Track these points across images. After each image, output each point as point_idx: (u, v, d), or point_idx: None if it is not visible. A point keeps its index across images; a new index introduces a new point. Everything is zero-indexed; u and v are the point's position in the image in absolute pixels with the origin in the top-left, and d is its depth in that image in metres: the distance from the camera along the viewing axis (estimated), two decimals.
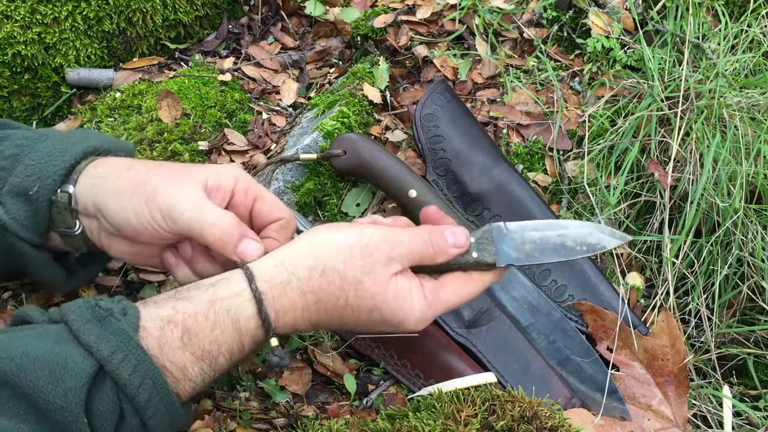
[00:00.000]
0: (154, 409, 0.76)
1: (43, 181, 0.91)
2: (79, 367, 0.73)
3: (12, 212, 0.91)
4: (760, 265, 1.19)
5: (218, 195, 0.93)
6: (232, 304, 0.82)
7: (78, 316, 0.77)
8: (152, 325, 0.79)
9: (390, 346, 1.10)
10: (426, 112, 1.30)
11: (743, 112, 1.27)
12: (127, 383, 0.74)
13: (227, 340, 0.82)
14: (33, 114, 1.44)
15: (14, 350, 0.72)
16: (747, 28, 1.39)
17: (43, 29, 1.37)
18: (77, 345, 0.75)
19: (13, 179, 0.91)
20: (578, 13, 1.49)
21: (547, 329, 1.15)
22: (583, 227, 0.98)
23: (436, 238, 0.91)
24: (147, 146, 1.30)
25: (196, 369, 0.81)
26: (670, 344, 1.13)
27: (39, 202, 0.91)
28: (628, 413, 1.09)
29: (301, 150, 1.26)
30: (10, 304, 1.08)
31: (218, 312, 0.82)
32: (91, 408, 0.73)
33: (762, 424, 1.11)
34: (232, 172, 0.96)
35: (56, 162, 0.92)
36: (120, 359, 0.74)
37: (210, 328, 0.81)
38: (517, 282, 1.18)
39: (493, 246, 0.95)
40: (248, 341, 0.84)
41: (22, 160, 0.92)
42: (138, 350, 0.75)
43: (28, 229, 0.93)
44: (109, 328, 0.76)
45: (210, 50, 1.57)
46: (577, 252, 0.96)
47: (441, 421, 0.87)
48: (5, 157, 0.93)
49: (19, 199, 0.92)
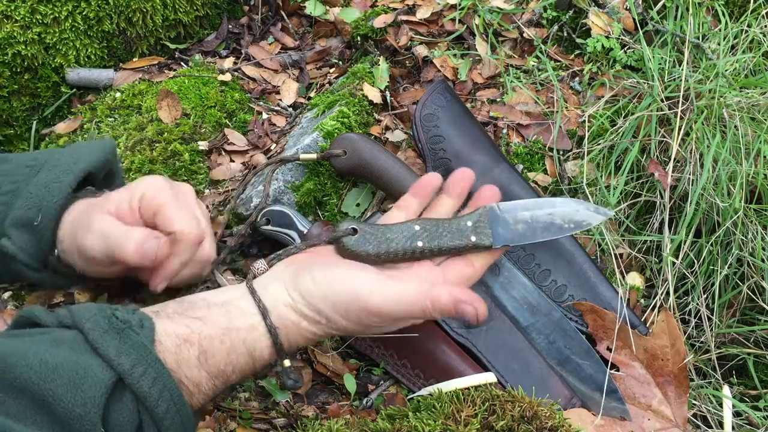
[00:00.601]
0: (170, 420, 0.78)
1: (46, 212, 0.98)
2: (98, 378, 0.74)
3: (18, 243, 0.98)
4: (760, 265, 1.19)
5: (130, 216, 0.99)
6: (248, 336, 0.86)
7: (94, 326, 0.78)
8: (168, 341, 0.81)
9: (390, 346, 1.10)
10: (426, 112, 1.30)
11: (743, 112, 1.27)
12: (147, 396, 0.76)
13: (241, 363, 0.86)
14: (33, 114, 1.44)
15: (32, 357, 0.73)
16: (747, 28, 1.39)
17: (43, 29, 1.37)
18: (95, 355, 0.76)
19: (14, 212, 0.98)
20: (578, 13, 1.49)
21: (547, 329, 1.15)
22: (569, 205, 1.06)
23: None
24: (147, 146, 1.30)
25: (209, 385, 0.84)
26: (670, 344, 1.13)
27: (44, 232, 0.98)
28: (628, 413, 1.09)
29: (301, 150, 1.26)
30: (10, 304, 1.08)
31: (234, 340, 0.85)
32: (109, 418, 0.74)
33: (762, 424, 1.11)
34: (140, 190, 1.00)
35: (54, 193, 0.99)
36: (140, 373, 0.76)
37: (226, 352, 0.84)
38: (517, 282, 1.18)
39: (489, 229, 0.99)
40: (260, 364, 0.88)
41: (21, 194, 0.99)
42: (157, 364, 0.77)
43: (33, 257, 1.00)
44: (128, 341, 0.78)
45: (210, 50, 1.57)
46: (566, 230, 1.05)
47: (441, 421, 0.87)
48: (4, 193, 1.00)
49: (24, 230, 0.98)
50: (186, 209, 1.01)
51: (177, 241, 0.98)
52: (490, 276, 1.16)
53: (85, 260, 0.99)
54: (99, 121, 1.36)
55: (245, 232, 1.16)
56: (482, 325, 1.12)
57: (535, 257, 1.21)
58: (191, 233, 0.99)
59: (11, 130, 1.43)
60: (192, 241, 0.99)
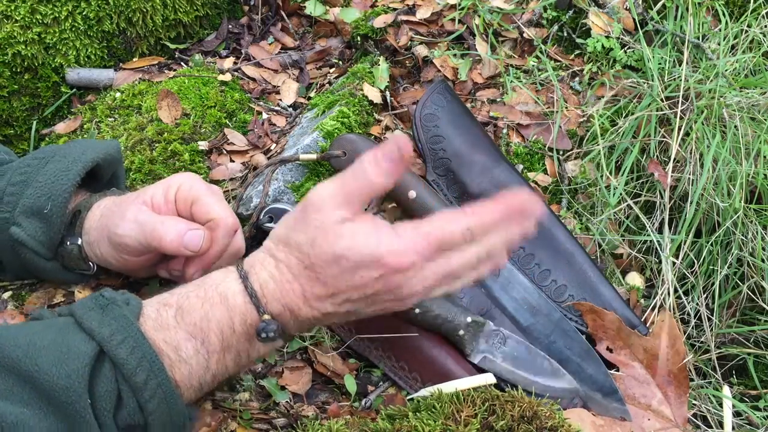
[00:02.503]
0: (151, 392, 0.78)
1: (55, 199, 1.00)
2: (80, 350, 0.76)
3: (29, 230, 1.00)
4: (760, 265, 1.19)
5: (165, 207, 1.01)
6: (221, 283, 0.86)
7: (81, 306, 0.81)
8: (150, 309, 0.83)
9: (388, 348, 1.09)
10: (426, 112, 1.30)
11: (743, 112, 1.27)
12: (124, 363, 0.77)
13: (216, 315, 0.84)
14: (33, 114, 1.44)
15: (21, 339, 0.76)
16: (747, 28, 1.39)
17: (43, 29, 1.37)
18: (80, 331, 0.79)
19: (24, 201, 1.00)
20: (578, 13, 1.49)
21: (547, 330, 1.15)
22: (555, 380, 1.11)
23: (356, 168, 0.87)
24: (147, 146, 1.30)
25: (189, 347, 0.82)
26: (670, 344, 1.13)
27: (53, 219, 1.00)
28: (628, 413, 1.09)
29: (301, 150, 1.26)
30: (10, 304, 1.08)
31: (207, 288, 0.85)
32: (93, 390, 0.75)
33: (762, 424, 1.11)
34: (177, 182, 1.03)
35: (63, 181, 1.01)
36: (119, 341, 0.77)
37: (200, 304, 0.84)
38: (517, 283, 1.18)
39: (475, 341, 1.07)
40: (238, 319, 0.84)
41: (30, 184, 1.01)
42: (137, 333, 0.79)
43: (43, 244, 1.01)
44: (110, 314, 0.80)
45: (210, 50, 1.57)
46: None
47: (441, 422, 0.87)
48: (14, 184, 1.02)
49: (34, 218, 1.00)
50: (221, 200, 1.04)
51: (215, 228, 1.00)
52: (491, 276, 1.16)
53: (115, 248, 1.00)
54: (99, 121, 1.36)
55: (249, 234, 1.16)
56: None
57: (535, 257, 1.21)
58: (229, 220, 1.01)
59: (11, 130, 1.43)
60: (230, 228, 1.01)
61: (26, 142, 1.43)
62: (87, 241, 1.03)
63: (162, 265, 1.06)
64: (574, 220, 1.29)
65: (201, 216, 1.01)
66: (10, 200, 1.01)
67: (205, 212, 1.01)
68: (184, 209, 1.02)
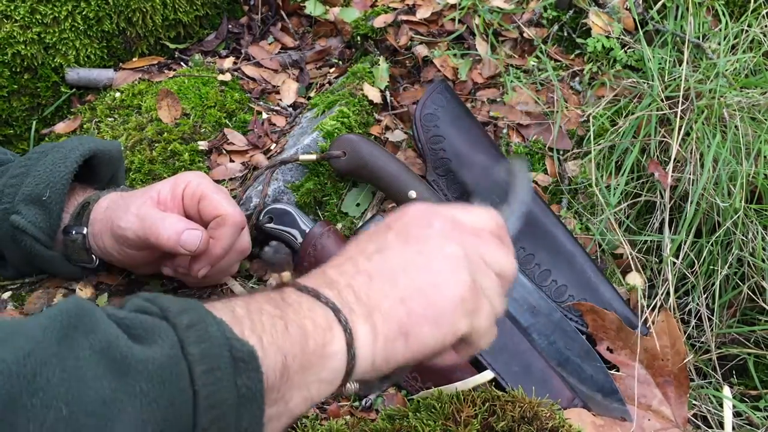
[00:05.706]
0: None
1: (54, 186, 1.01)
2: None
3: (29, 217, 1.00)
4: (760, 265, 1.19)
5: (171, 203, 1.02)
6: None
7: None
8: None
9: None
10: (426, 112, 1.30)
11: (743, 112, 1.27)
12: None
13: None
14: (33, 114, 1.44)
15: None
16: (747, 28, 1.39)
17: (43, 29, 1.37)
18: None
19: (24, 189, 1.01)
20: (578, 13, 1.49)
21: (547, 330, 1.15)
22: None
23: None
24: (147, 146, 1.30)
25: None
26: (670, 344, 1.13)
27: (52, 206, 1.01)
28: (629, 413, 1.09)
29: (301, 150, 1.26)
30: (10, 304, 1.08)
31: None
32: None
33: (762, 424, 1.11)
34: (185, 179, 1.04)
35: (61, 169, 1.02)
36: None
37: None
38: (518, 283, 1.17)
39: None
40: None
41: (30, 174, 1.02)
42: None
43: (44, 231, 1.01)
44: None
45: (210, 50, 1.57)
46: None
47: (441, 422, 0.87)
48: (14, 176, 1.03)
49: (34, 206, 1.01)
50: (228, 197, 1.05)
51: (223, 224, 1.01)
52: None
53: (116, 240, 1.01)
54: (99, 121, 1.36)
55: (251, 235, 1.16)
56: None
57: (536, 257, 1.21)
58: (237, 216, 1.02)
59: (11, 130, 1.43)
60: (237, 224, 1.02)
61: (26, 142, 1.43)
62: (91, 232, 1.04)
63: (168, 262, 1.05)
64: (575, 220, 1.29)
65: (208, 212, 1.02)
66: (10, 192, 1.02)
67: (212, 208, 1.01)
68: (191, 206, 1.03)
